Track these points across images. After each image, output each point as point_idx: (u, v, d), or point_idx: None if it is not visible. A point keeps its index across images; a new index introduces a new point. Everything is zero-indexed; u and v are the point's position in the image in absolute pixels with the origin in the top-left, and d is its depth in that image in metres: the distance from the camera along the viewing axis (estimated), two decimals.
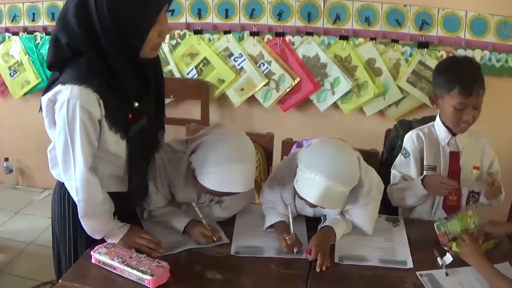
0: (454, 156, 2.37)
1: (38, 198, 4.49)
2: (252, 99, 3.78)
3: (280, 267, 1.96)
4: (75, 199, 1.90)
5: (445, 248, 2.00)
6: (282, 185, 2.19)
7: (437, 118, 2.42)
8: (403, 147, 2.45)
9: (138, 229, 2.08)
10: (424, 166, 2.38)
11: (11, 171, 4.56)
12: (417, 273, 1.89)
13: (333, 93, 3.56)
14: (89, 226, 1.96)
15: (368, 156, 2.68)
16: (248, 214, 2.30)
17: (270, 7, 3.52)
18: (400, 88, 3.43)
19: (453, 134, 2.35)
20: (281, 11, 3.51)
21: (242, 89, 3.74)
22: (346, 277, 1.90)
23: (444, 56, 3.27)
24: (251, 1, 3.55)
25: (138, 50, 1.81)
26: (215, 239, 2.08)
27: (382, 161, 2.83)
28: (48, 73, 3.97)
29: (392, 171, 2.44)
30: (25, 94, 4.23)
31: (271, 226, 2.16)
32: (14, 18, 4.08)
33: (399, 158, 2.44)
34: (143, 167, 2.12)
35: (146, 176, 2.14)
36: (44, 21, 4.01)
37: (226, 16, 3.63)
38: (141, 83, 1.94)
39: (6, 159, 4.53)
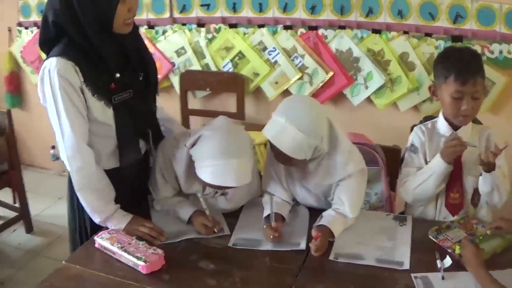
0: None
1: None
2: (286, 93, 3.78)
3: (273, 260, 1.97)
4: (70, 171, 2.03)
5: (449, 250, 1.96)
6: (276, 171, 2.24)
7: (440, 113, 2.34)
8: (410, 144, 2.38)
9: (141, 218, 2.14)
10: (427, 162, 2.31)
11: (57, 158, 4.71)
12: (412, 275, 1.84)
13: (366, 88, 3.52)
14: (87, 201, 2.07)
15: (390, 152, 2.67)
16: (254, 207, 2.31)
17: (303, 1, 3.51)
18: None
19: (456, 128, 2.26)
20: (314, 5, 3.49)
21: (276, 83, 3.75)
22: (337, 274, 1.89)
23: (479, 50, 3.14)
24: None
25: (110, 24, 1.92)
26: (215, 231, 2.12)
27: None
28: None
29: (404, 169, 2.36)
30: None
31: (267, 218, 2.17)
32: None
33: (409, 155, 2.37)
34: (135, 141, 2.20)
35: (140, 152, 2.24)
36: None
37: (260, 10, 3.65)
38: (123, 58, 2.04)
39: (53, 147, 4.71)
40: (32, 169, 5.00)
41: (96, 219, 2.10)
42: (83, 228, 2.23)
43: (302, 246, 2.03)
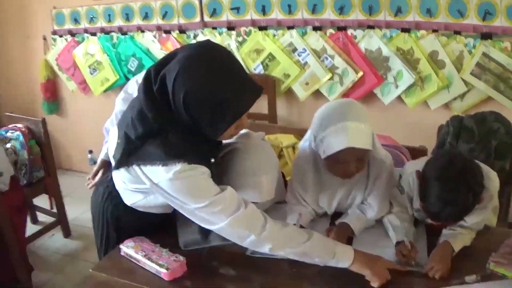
0: None
1: None
2: (317, 93, 3.81)
3: (292, 266, 1.98)
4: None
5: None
6: (301, 185, 2.25)
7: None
8: (400, 181, 2.17)
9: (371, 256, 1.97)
10: (413, 208, 2.16)
11: (95, 162, 4.78)
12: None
13: (397, 87, 3.51)
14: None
15: (417, 153, 2.66)
16: (275, 213, 2.28)
17: (331, 1, 3.52)
18: (465, 81, 3.31)
19: None
20: (343, 5, 3.50)
21: (307, 84, 3.78)
22: (355, 278, 1.88)
23: (509, 48, 3.12)
24: None
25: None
26: None
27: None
28: (125, 70, 4.23)
29: (390, 198, 2.21)
30: (105, 90, 4.54)
31: None
32: (92, 20, 4.39)
33: (396, 189, 2.18)
34: None
35: None
36: (119, 21, 4.29)
37: (289, 12, 3.68)
38: (215, 143, 2.01)
39: (91, 151, 4.78)
40: (70, 173, 5.15)
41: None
42: (109, 237, 2.28)
43: None
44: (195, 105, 1.70)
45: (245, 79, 1.78)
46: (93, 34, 4.43)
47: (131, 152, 1.85)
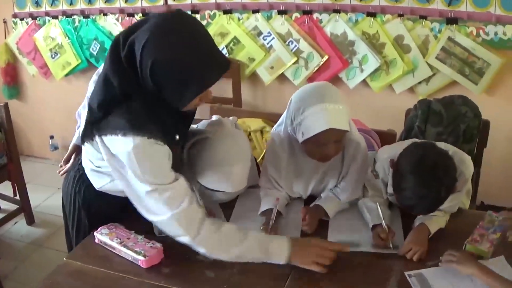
0: None
1: None
2: (282, 77, 3.79)
3: None
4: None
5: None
6: (276, 170, 2.24)
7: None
8: (374, 167, 2.20)
9: (303, 239, 2.02)
10: (388, 193, 2.18)
11: (56, 148, 4.76)
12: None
13: (362, 71, 3.52)
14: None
15: (386, 137, 2.67)
16: (249, 197, 2.32)
17: None
18: (430, 65, 3.34)
19: None
20: None
21: (272, 68, 3.75)
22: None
23: (474, 32, 3.16)
24: None
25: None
26: None
27: (401, 141, 2.79)
28: (87, 54, 4.14)
29: (365, 182, 2.24)
30: (66, 75, 4.43)
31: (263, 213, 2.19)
32: (53, 3, 4.25)
33: (371, 174, 2.21)
34: None
35: None
36: (81, 4, 4.16)
37: None
38: (180, 117, 1.95)
39: (52, 137, 4.74)
40: (31, 159, 5.02)
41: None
42: (81, 223, 2.24)
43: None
44: (161, 74, 1.68)
45: (214, 52, 1.76)
46: (55, 17, 4.28)
47: (94, 123, 1.82)
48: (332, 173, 2.23)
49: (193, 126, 2.19)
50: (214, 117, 2.18)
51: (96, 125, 1.81)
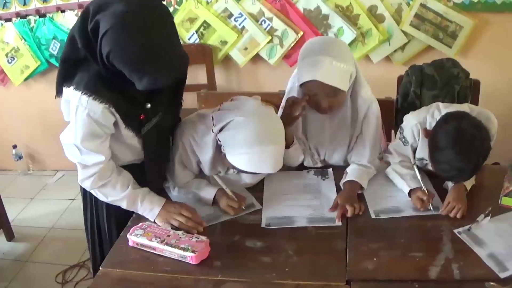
0: None
1: (52, 181, 4.49)
2: (257, 58, 3.77)
3: (316, 228, 1.98)
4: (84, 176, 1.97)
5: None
6: None
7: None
8: (403, 133, 2.23)
9: (177, 204, 2.08)
10: (416, 158, 2.23)
11: (20, 157, 4.55)
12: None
13: None
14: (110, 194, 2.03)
15: (384, 105, 2.69)
16: (277, 178, 2.30)
17: None
18: (405, 33, 3.42)
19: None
20: None
21: (245, 49, 3.72)
22: (383, 230, 1.94)
23: None
24: None
25: None
26: (243, 207, 2.10)
27: (397, 107, 2.85)
28: (47, 54, 3.97)
29: (391, 148, 2.30)
30: (25, 79, 4.16)
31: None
32: (4, 5, 3.98)
33: (398, 141, 2.26)
34: (159, 158, 2.18)
35: (164, 168, 2.23)
36: (36, 3, 3.92)
37: None
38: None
39: (15, 146, 4.51)
40: None
41: (124, 204, 2.05)
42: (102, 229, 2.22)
43: (338, 223, 2.00)
44: (116, 63, 1.68)
45: (171, 52, 1.72)
46: (8, 20, 4.02)
47: (63, 76, 1.87)
48: (342, 132, 2.27)
49: (215, 109, 2.13)
50: (237, 98, 2.12)
51: (64, 79, 1.87)
